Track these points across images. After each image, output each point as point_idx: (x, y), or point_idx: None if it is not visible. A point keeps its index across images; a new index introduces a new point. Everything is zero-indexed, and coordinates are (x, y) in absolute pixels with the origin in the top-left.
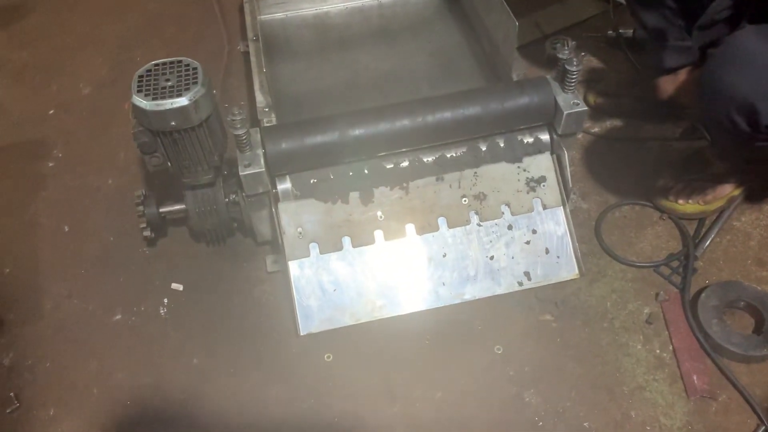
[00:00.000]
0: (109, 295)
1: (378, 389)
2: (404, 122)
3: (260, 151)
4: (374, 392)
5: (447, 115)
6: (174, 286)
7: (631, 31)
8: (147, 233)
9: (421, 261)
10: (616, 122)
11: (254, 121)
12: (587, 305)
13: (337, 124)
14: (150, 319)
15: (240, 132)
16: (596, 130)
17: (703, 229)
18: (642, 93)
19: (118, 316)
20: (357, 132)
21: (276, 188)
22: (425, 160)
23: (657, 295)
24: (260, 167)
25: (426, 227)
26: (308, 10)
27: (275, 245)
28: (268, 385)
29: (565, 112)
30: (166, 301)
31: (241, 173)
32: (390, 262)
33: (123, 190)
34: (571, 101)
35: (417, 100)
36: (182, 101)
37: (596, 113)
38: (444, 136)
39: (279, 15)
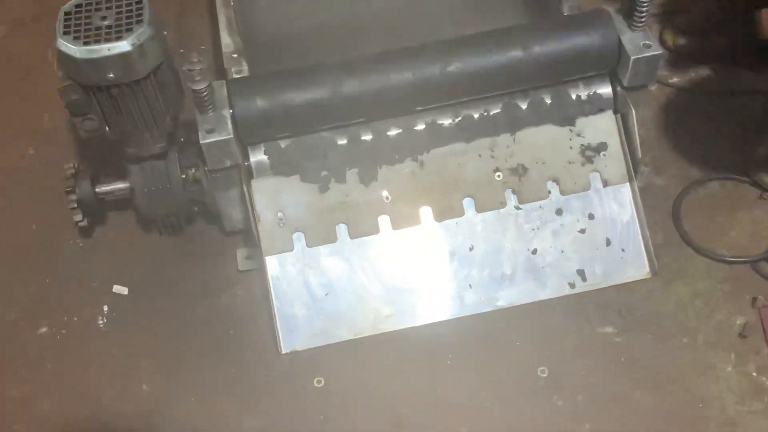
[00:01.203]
0: (32, 301)
1: (383, 424)
2: (418, 73)
3: (227, 112)
4: (378, 428)
5: (475, 62)
6: (116, 289)
7: None
8: (79, 220)
9: (440, 256)
10: (703, 70)
11: (219, 71)
12: (661, 314)
13: (330, 75)
14: (86, 332)
15: (200, 86)
16: (675, 80)
17: None
18: (738, 30)
19: (44, 329)
20: (356, 86)
21: (248, 161)
22: (446, 122)
23: (755, 300)
24: (227, 133)
25: (447, 211)
26: None
27: (248, 236)
28: (241, 418)
29: (633, 57)
30: (106, 308)
31: (201, 141)
32: (400, 257)
33: (48, 164)
34: (640, 42)
35: (435, 42)
36: (123, 46)
37: (675, 58)
38: (471, 90)
39: None
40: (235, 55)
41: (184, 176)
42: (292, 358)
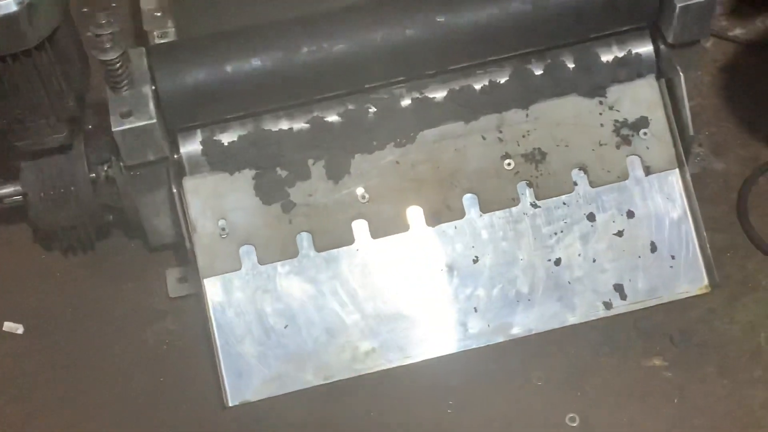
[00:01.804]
0: None
1: None
2: (398, 30)
3: (148, 89)
4: None
5: (472, 14)
6: (8, 326)
7: None
8: None
9: (435, 272)
10: None
11: (139, 35)
12: (725, 339)
13: (284, 37)
14: None
15: (111, 56)
16: (738, 32)
17: None
18: None
19: None
20: (318, 51)
21: (178, 153)
22: (438, 96)
23: None
24: (149, 117)
25: (442, 212)
26: None
27: (181, 251)
28: None
29: (680, 5)
30: None
31: (115, 128)
32: (382, 275)
33: None
34: None
35: None
36: (6, 5)
37: (738, 2)
38: (469, 52)
39: None
40: (159, 14)
41: (93, 175)
42: (241, 413)
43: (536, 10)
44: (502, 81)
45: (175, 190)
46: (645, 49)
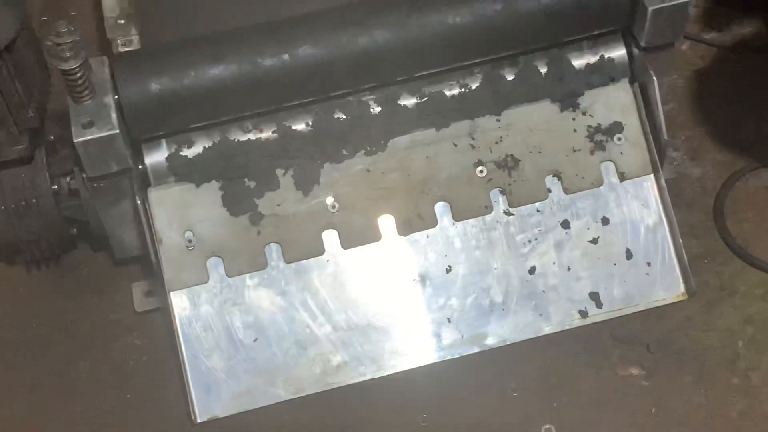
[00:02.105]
0: None
1: None
2: (367, 36)
3: (111, 99)
4: None
5: (441, 18)
6: None
7: None
8: None
9: (408, 282)
10: (749, 21)
11: (102, 44)
12: (703, 347)
13: (249, 44)
14: None
15: (71, 65)
16: (713, 35)
17: None
18: None
19: None
20: (284, 58)
21: (143, 163)
22: (408, 103)
23: None
24: (111, 127)
25: (414, 222)
26: None
27: (147, 264)
28: None
29: (652, 8)
30: None
31: (76, 139)
32: (353, 286)
33: None
34: None
35: None
36: None
37: (711, 6)
38: (439, 57)
39: None
40: (122, 21)
41: (55, 187)
42: (210, 430)
43: (507, 14)
44: (474, 87)
45: (139, 202)
46: (618, 53)
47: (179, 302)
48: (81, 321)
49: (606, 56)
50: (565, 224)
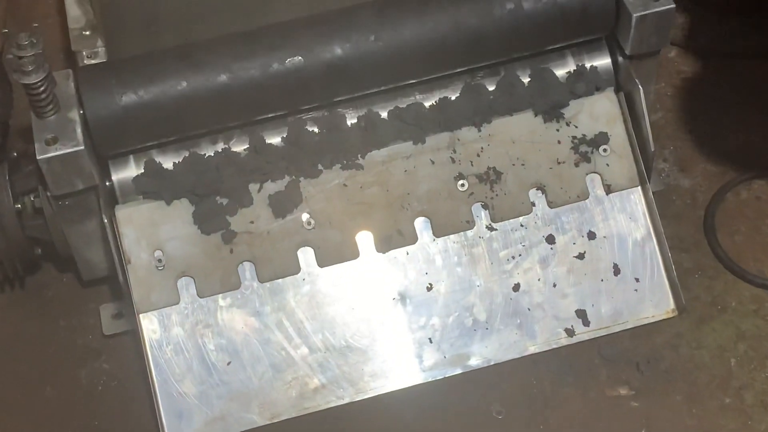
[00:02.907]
0: None
1: None
2: (342, 45)
3: (76, 113)
4: None
5: (419, 27)
6: None
7: None
8: None
9: (387, 300)
10: (740, 27)
11: (67, 56)
12: (694, 365)
13: (220, 55)
14: None
15: (33, 79)
16: (703, 42)
17: None
18: None
19: None
20: (256, 69)
21: (110, 180)
22: (386, 114)
23: None
24: (76, 143)
25: (393, 238)
26: None
27: (115, 285)
28: None
29: (636, 15)
30: None
31: (40, 156)
32: (330, 305)
33: None
34: None
35: (365, 4)
36: None
37: (700, 10)
38: (417, 68)
39: None
40: (87, 32)
41: (19, 206)
42: None
43: (488, 22)
44: (453, 97)
45: (106, 220)
46: (602, 61)
47: (149, 325)
48: (47, 344)
49: (590, 64)
50: (550, 239)
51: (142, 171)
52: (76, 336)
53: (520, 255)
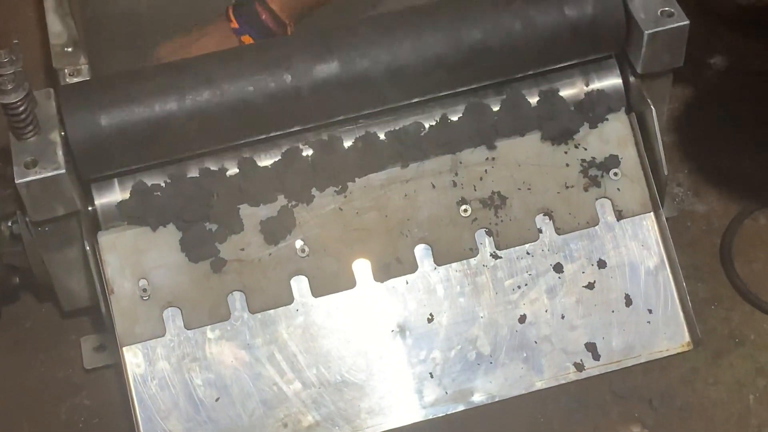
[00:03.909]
0: None
1: None
2: (338, 64)
3: (57, 135)
4: None
5: (421, 44)
6: None
7: None
8: None
9: (385, 332)
10: (758, 42)
11: (48, 73)
12: (711, 402)
13: (209, 73)
14: None
15: (12, 99)
16: (717, 59)
17: None
18: None
19: None
20: (247, 87)
21: (93, 205)
22: (383, 136)
23: None
24: (57, 167)
25: (392, 266)
26: None
27: (97, 316)
28: None
29: (648, 32)
30: None
31: (18, 180)
32: (325, 337)
33: None
34: (657, 9)
35: (365, 20)
36: None
37: (716, 25)
38: (419, 86)
39: None
40: (70, 49)
41: None
42: None
43: (491, 38)
44: (455, 118)
45: (88, 247)
46: (612, 81)
47: (133, 358)
48: (24, 379)
49: (600, 84)
50: (558, 268)
51: (127, 195)
52: (56, 370)
53: (526, 284)
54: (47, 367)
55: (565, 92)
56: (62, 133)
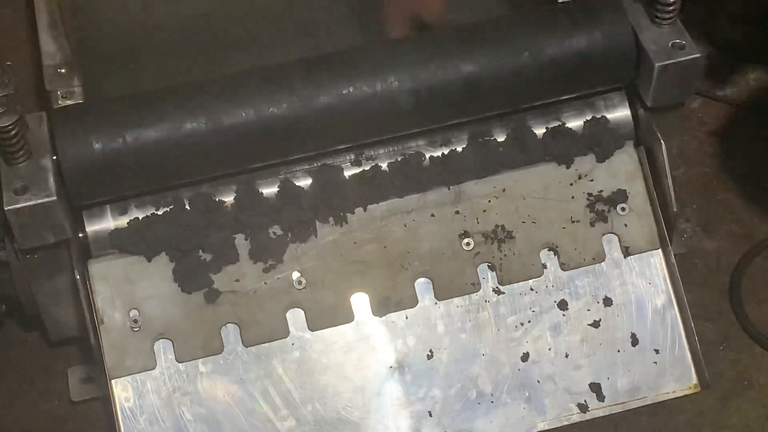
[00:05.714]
0: None
1: None
2: (342, 92)
3: (48, 160)
4: None
5: (427, 75)
6: None
7: None
8: None
9: (383, 369)
10: None
11: (41, 96)
12: None
13: (207, 99)
14: None
15: (4, 122)
16: (729, 92)
17: None
18: None
19: None
20: (247, 114)
21: (84, 232)
22: (386, 165)
23: None
24: (48, 193)
25: (392, 301)
26: None
27: (86, 347)
28: None
29: (659, 64)
30: None
31: (8, 206)
32: (321, 373)
33: None
34: (668, 42)
35: (368, 48)
36: None
37: (726, 59)
38: (422, 116)
39: None
40: (63, 70)
41: None
42: None
43: (497, 68)
44: (459, 149)
45: (78, 276)
46: (621, 113)
47: (122, 391)
48: (8, 411)
49: (608, 116)
50: (563, 305)
51: (119, 222)
52: (41, 401)
53: (529, 321)
54: (32, 398)
55: (573, 124)
56: (54, 158)
